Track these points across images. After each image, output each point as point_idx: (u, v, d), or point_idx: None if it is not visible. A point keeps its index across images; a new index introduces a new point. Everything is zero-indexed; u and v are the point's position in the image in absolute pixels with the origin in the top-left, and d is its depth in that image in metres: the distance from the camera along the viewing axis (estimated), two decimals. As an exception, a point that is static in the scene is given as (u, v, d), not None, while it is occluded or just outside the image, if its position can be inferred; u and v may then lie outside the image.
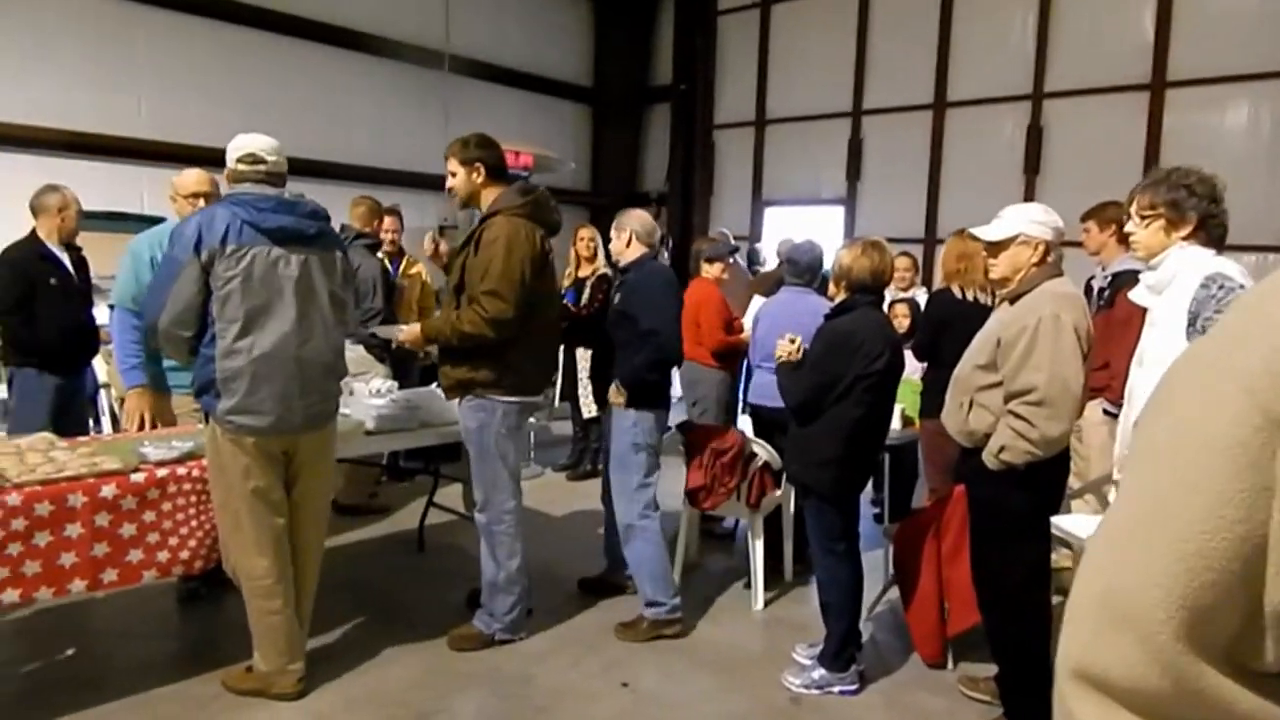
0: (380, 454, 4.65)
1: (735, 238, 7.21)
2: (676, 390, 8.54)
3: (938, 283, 4.65)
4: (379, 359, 4.41)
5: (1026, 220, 2.52)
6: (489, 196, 3.10)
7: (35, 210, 4.01)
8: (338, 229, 4.87)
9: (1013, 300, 2.57)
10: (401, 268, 5.32)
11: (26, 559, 2.52)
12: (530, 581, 3.45)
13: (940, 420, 3.50)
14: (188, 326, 2.59)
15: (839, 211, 9.06)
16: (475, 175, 3.09)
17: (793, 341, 3.20)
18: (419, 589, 3.90)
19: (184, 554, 2.83)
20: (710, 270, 4.72)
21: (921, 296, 5.41)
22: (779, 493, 3.88)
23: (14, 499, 2.50)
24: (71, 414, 4.15)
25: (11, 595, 2.51)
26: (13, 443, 3.08)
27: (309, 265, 2.73)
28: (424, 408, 3.70)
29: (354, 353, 3.97)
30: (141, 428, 3.47)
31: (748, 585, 3.97)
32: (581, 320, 4.61)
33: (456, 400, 3.15)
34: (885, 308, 3.44)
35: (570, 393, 5.78)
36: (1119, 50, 7.15)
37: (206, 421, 2.75)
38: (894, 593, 3.61)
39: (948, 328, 3.80)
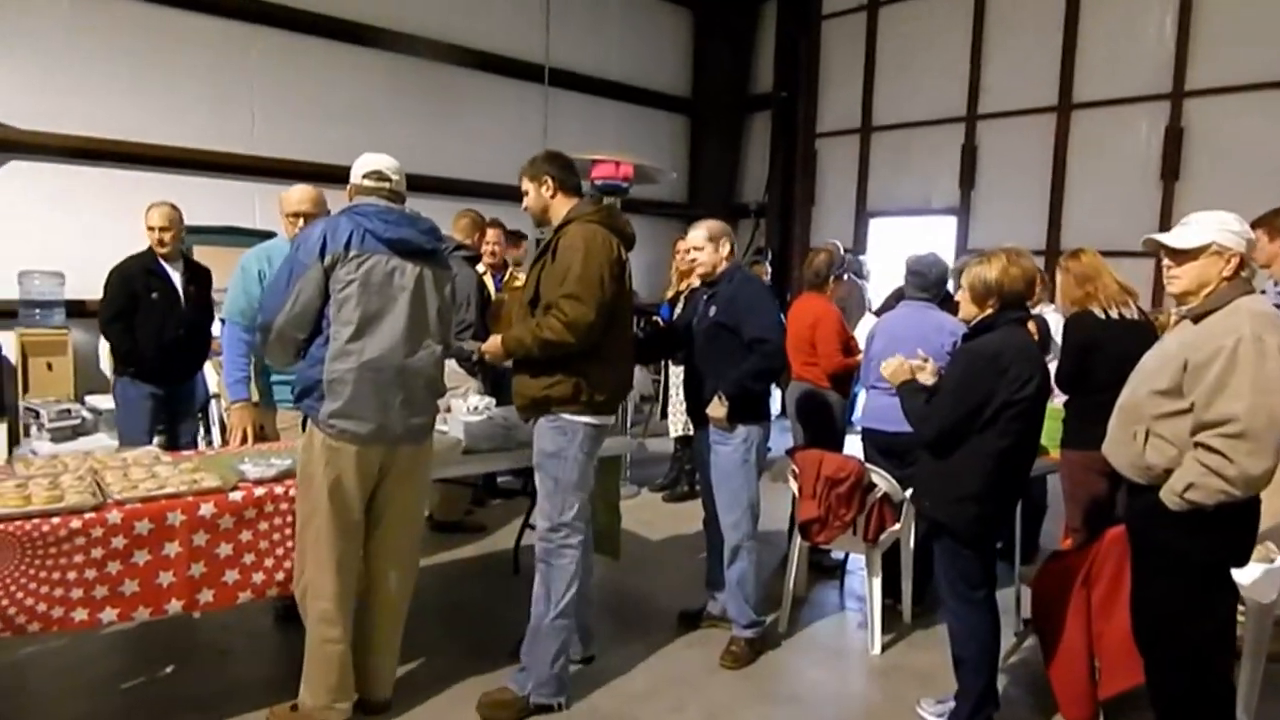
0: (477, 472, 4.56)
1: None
2: (775, 406, 8.29)
3: (1059, 303, 4.23)
4: (471, 373, 4.31)
5: (1219, 228, 2.17)
6: (560, 209, 2.98)
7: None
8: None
9: (1196, 319, 2.21)
10: (505, 280, 5.26)
11: (125, 578, 2.48)
12: (588, 626, 3.25)
13: (1085, 452, 3.16)
14: (303, 329, 2.62)
15: (950, 222, 8.58)
16: (545, 189, 2.97)
17: (926, 361, 2.91)
18: (512, 614, 3.73)
19: (279, 575, 2.75)
20: (833, 288, 4.44)
21: (1051, 314, 4.97)
22: (898, 526, 3.56)
23: (114, 516, 2.46)
24: (176, 424, 4.23)
25: (110, 614, 2.47)
26: (120, 455, 3.10)
27: (423, 278, 2.73)
28: (520, 427, 3.55)
29: (447, 366, 3.86)
30: (244, 441, 3.45)
31: (862, 625, 3.66)
32: (677, 335, 4.40)
33: (531, 421, 2.98)
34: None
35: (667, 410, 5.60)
36: (1271, 42, 6.49)
37: (304, 428, 2.69)
38: (1031, 641, 3.25)
39: (1095, 351, 3.42)
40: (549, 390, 2.85)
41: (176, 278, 4.14)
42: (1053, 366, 3.58)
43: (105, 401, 5.46)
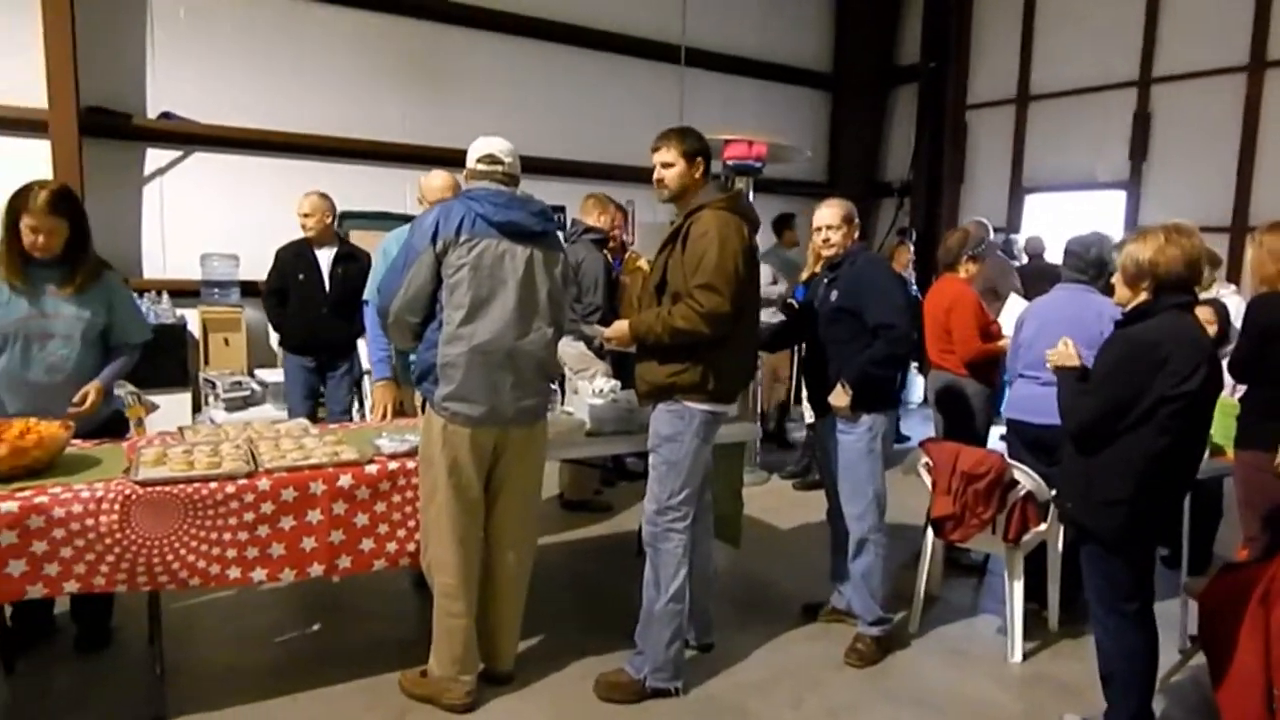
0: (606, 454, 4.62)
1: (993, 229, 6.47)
2: (917, 395, 7.93)
3: (1247, 283, 3.78)
4: (599, 356, 4.35)
5: None
6: (696, 192, 2.91)
7: None
8: (569, 224, 4.91)
9: None
10: (625, 263, 5.26)
11: (273, 541, 2.67)
12: (708, 613, 3.21)
13: (1263, 452, 2.83)
14: (417, 313, 2.70)
15: (1119, 197, 7.89)
16: (696, 170, 2.90)
17: (1065, 345, 2.66)
18: (634, 595, 3.76)
19: (410, 546, 2.87)
20: (967, 267, 4.15)
21: (1230, 298, 4.47)
22: (1044, 527, 3.31)
23: (264, 484, 2.64)
24: (331, 397, 4.54)
25: (260, 574, 2.66)
26: (274, 427, 3.34)
27: (533, 261, 2.75)
28: (644, 410, 3.55)
29: (575, 349, 3.91)
30: (385, 417, 3.64)
31: (1002, 630, 3.45)
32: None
33: (650, 406, 2.95)
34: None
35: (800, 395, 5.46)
36: None
37: (423, 410, 2.79)
38: (1197, 660, 2.94)
39: (1278, 338, 3.04)
40: (675, 378, 2.82)
41: (324, 261, 4.41)
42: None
43: (273, 375, 5.94)
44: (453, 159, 5.53)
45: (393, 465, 2.86)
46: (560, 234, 3.02)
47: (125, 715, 2.68)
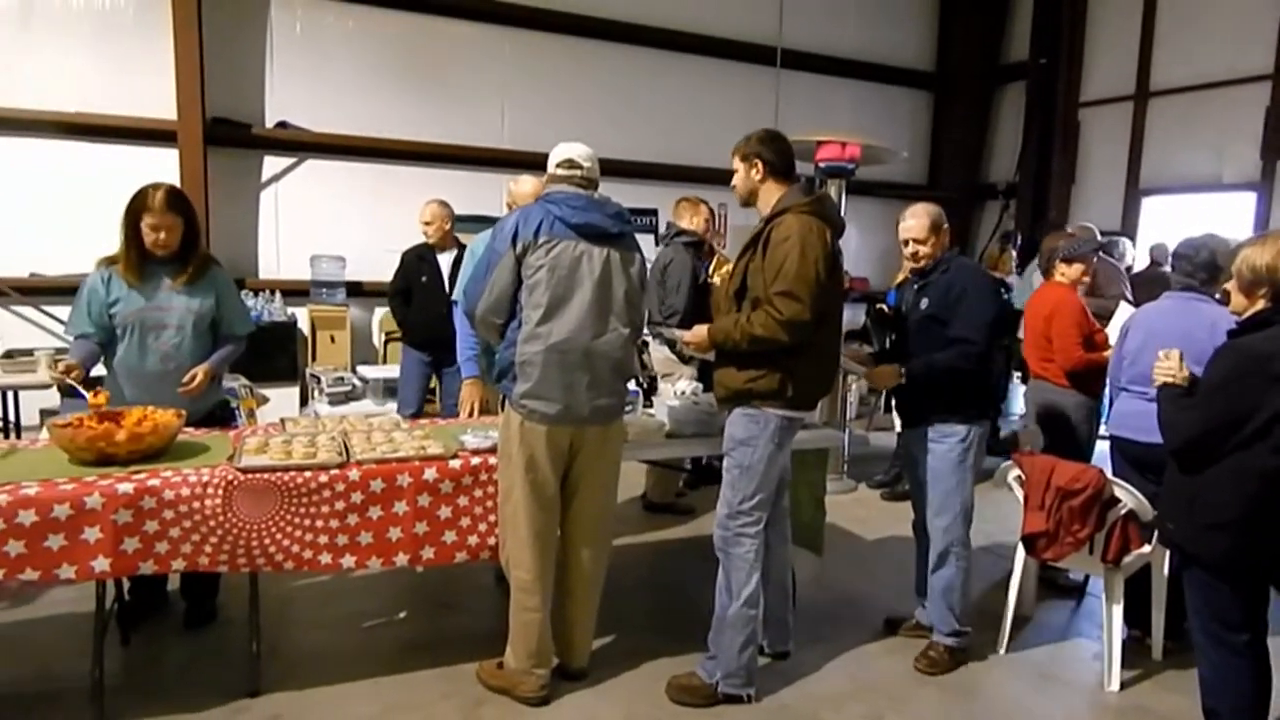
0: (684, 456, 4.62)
1: (1102, 233, 6.14)
2: (1018, 406, 7.62)
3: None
4: (682, 360, 4.35)
5: None
6: (770, 195, 2.88)
7: None
8: (663, 228, 4.94)
9: None
10: (711, 267, 5.24)
11: (361, 530, 2.79)
12: (785, 621, 3.16)
13: None
14: (500, 314, 2.78)
15: (1248, 199, 7.35)
16: (754, 172, 2.88)
17: (1168, 358, 2.50)
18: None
19: (490, 540, 2.95)
20: (1067, 272, 3.95)
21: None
22: (1148, 549, 3.12)
23: (354, 474, 2.77)
24: (446, 391, 4.79)
25: (349, 560, 2.79)
26: (367, 420, 3.48)
27: (610, 262, 2.79)
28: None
29: (660, 353, 3.93)
30: (472, 414, 3.75)
31: (1098, 657, 3.27)
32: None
33: (726, 410, 2.94)
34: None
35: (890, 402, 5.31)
36: None
37: (502, 408, 2.87)
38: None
39: None
40: (752, 384, 2.80)
41: (445, 264, 4.68)
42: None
43: (373, 371, 6.22)
44: (544, 163, 5.70)
45: (475, 461, 2.94)
46: (637, 235, 3.03)
47: (225, 689, 2.85)
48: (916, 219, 3.17)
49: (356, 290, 6.92)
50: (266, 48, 6.67)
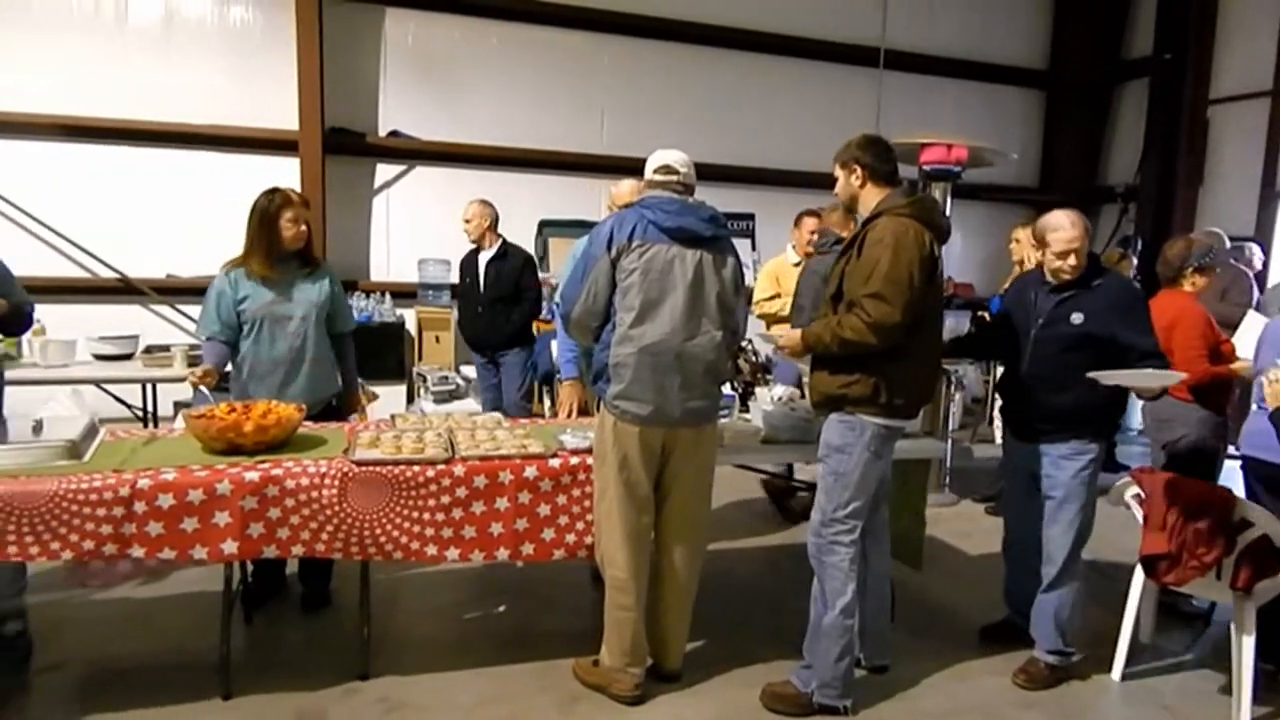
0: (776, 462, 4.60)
1: (1231, 238, 5.77)
2: (1136, 420, 7.22)
3: None
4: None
5: None
6: (870, 200, 2.83)
7: None
8: (818, 236, 4.92)
9: None
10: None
11: (465, 524, 2.89)
12: (884, 634, 3.09)
13: None
14: (596, 317, 2.83)
15: (1403, 201, 6.76)
16: (854, 178, 2.84)
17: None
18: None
19: (588, 538, 3.00)
20: (1198, 282, 3.72)
21: None
22: (1285, 577, 2.91)
23: (459, 470, 2.87)
24: (504, 389, 4.96)
25: (453, 553, 2.89)
26: (471, 419, 3.60)
27: (702, 265, 2.81)
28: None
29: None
30: (570, 415, 3.82)
31: (1226, 690, 3.07)
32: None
33: (822, 416, 2.90)
34: None
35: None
36: None
37: (597, 408, 2.91)
38: None
39: None
40: (846, 389, 2.77)
41: (482, 264, 4.86)
42: None
43: (475, 372, 6.41)
44: (642, 168, 5.77)
45: (574, 460, 3.00)
46: (734, 240, 3.04)
47: (337, 670, 3.00)
48: (1075, 226, 2.98)
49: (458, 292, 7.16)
50: (381, 59, 6.99)
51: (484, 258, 4.88)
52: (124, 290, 6.39)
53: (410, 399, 6.53)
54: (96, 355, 4.81)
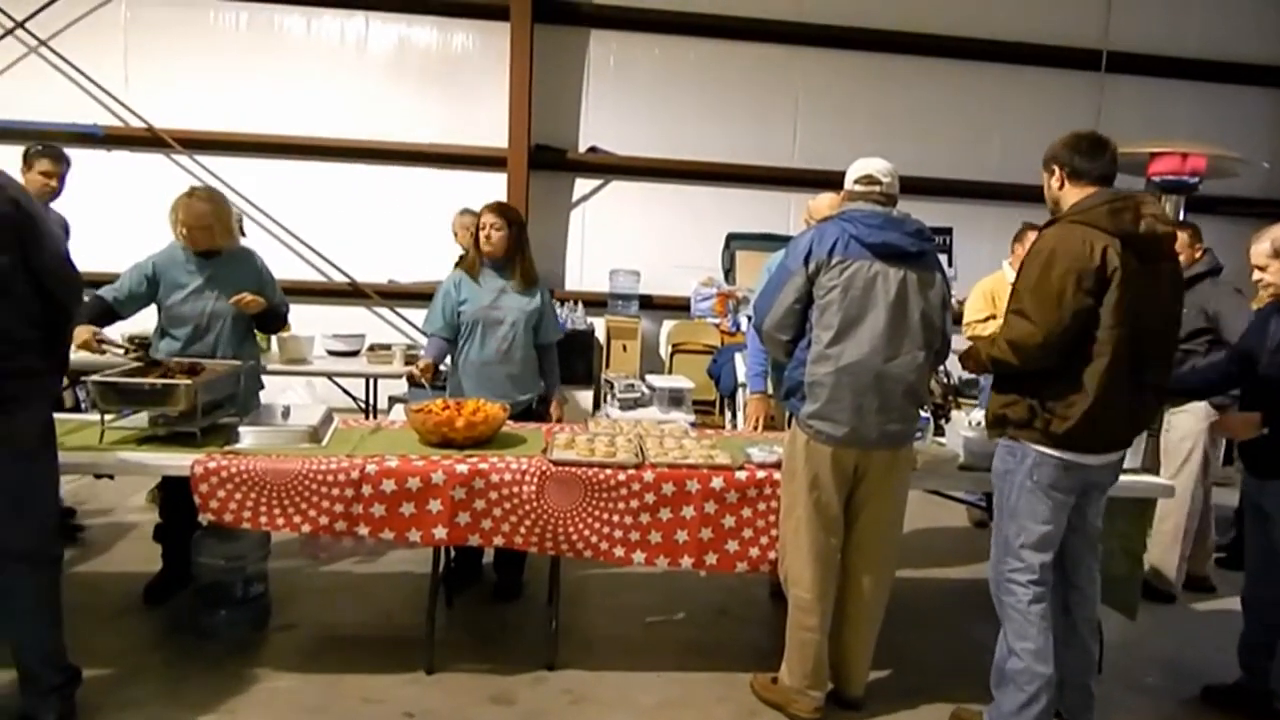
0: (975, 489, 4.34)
1: None
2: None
3: None
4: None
5: None
6: (1069, 203, 2.57)
7: None
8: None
9: None
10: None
11: (652, 529, 2.96)
12: (1088, 689, 2.78)
13: None
14: (786, 331, 2.80)
15: None
16: (1054, 180, 2.61)
17: None
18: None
19: (771, 554, 2.99)
20: None
21: None
22: None
23: (649, 476, 2.95)
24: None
25: (639, 556, 2.97)
26: (660, 426, 3.70)
27: (906, 283, 2.70)
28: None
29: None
30: (757, 428, 3.83)
31: None
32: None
33: (998, 437, 2.70)
34: None
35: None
36: None
37: (788, 425, 2.88)
38: None
39: None
40: (1005, 410, 2.60)
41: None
42: None
43: (660, 381, 6.54)
44: (837, 181, 5.66)
45: (760, 474, 3.00)
46: (940, 255, 2.92)
47: (525, 658, 3.17)
48: (1259, 244, 2.83)
49: (647, 303, 7.35)
50: (584, 78, 7.33)
51: None
52: (352, 293, 7.09)
53: (596, 404, 6.78)
54: (330, 351, 5.38)
